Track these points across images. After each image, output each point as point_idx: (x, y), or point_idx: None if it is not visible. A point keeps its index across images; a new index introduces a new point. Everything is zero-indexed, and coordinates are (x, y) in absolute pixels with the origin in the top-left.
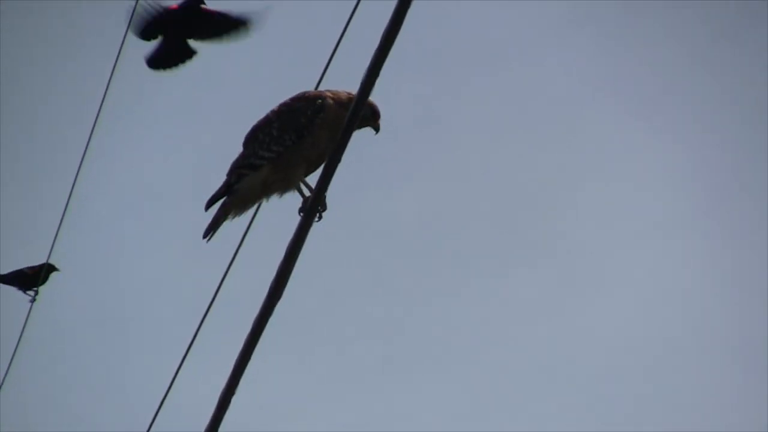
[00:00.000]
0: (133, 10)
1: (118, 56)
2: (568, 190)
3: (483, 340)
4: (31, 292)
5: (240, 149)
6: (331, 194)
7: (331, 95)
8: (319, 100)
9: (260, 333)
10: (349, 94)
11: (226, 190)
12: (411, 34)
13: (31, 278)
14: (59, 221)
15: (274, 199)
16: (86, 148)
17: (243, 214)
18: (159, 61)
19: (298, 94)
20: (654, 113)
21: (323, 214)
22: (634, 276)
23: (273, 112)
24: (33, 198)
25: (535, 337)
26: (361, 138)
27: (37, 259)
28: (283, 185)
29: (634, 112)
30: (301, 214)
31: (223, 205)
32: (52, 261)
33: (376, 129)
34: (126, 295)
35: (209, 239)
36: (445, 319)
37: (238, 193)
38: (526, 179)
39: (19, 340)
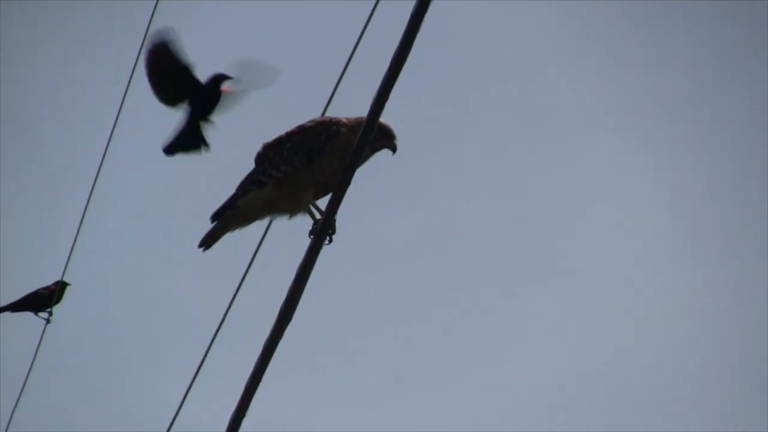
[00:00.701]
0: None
1: (132, 73)
2: (574, 210)
3: (491, 360)
4: (45, 314)
5: (252, 165)
6: (341, 216)
7: (347, 122)
8: (335, 127)
9: (271, 355)
10: (360, 119)
11: (231, 203)
12: (418, 51)
13: (45, 299)
14: (73, 239)
15: (282, 220)
16: (101, 164)
17: (243, 228)
18: (176, 147)
19: (317, 118)
20: (657, 133)
21: (333, 236)
22: (637, 296)
23: (287, 132)
24: (42, 215)
25: (543, 356)
26: (371, 161)
27: (41, 278)
28: (288, 206)
29: (637, 131)
30: (312, 236)
31: (224, 216)
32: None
33: (393, 149)
34: (135, 317)
35: (206, 249)
36: (453, 339)
37: (240, 207)
38: (531, 199)
39: (33, 360)
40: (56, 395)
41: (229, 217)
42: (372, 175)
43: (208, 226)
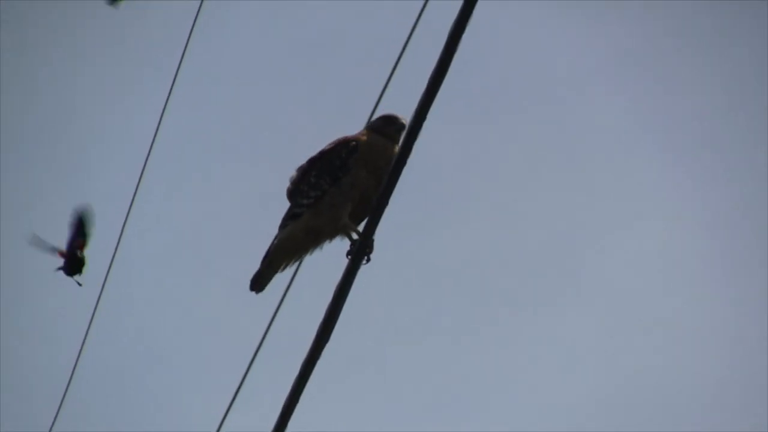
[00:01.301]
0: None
1: (165, 104)
2: (612, 230)
3: (529, 379)
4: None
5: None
6: (379, 237)
7: (362, 134)
8: (353, 142)
9: (309, 374)
10: (373, 124)
11: (274, 242)
12: (456, 73)
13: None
14: (109, 263)
15: (324, 245)
16: (135, 192)
17: (292, 265)
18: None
19: (333, 140)
20: (695, 153)
21: (371, 256)
22: (677, 317)
23: (309, 160)
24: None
25: (581, 376)
26: (408, 181)
27: (82, 302)
28: (328, 230)
29: (676, 152)
30: (349, 257)
31: (268, 256)
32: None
33: (401, 127)
34: (175, 337)
35: (258, 292)
36: (491, 358)
37: (281, 242)
38: (570, 219)
39: (69, 382)
40: (93, 415)
41: (274, 255)
42: (411, 195)
43: (250, 250)
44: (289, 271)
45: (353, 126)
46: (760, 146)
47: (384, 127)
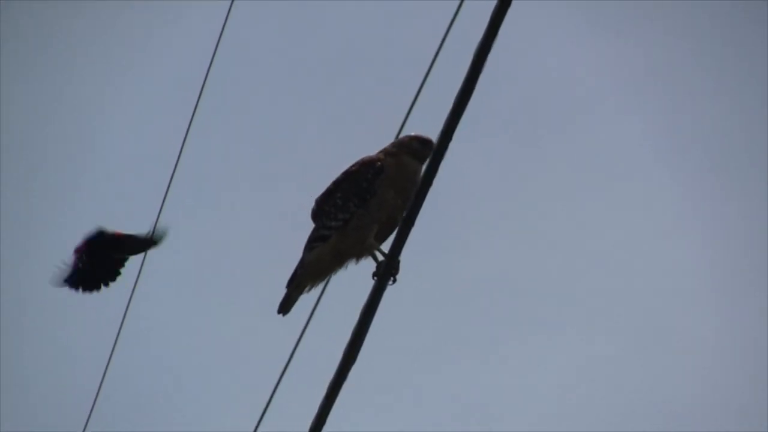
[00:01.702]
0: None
1: (189, 125)
2: (640, 251)
3: (553, 400)
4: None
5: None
6: (405, 257)
7: (386, 153)
8: (378, 163)
9: (335, 397)
10: (400, 141)
11: (301, 264)
12: (483, 91)
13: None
14: (134, 284)
15: (350, 266)
16: (159, 212)
17: (318, 286)
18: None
19: (357, 161)
20: (723, 172)
21: (397, 277)
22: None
23: (334, 182)
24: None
25: (606, 394)
26: (434, 201)
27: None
28: (355, 251)
29: (702, 171)
30: (375, 278)
31: (295, 278)
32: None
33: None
34: (199, 360)
35: (285, 314)
36: (517, 379)
37: (309, 265)
38: (596, 239)
39: (94, 404)
40: None
41: (301, 277)
42: (436, 215)
43: (275, 272)
44: (314, 292)
45: (378, 145)
46: None
47: (411, 147)
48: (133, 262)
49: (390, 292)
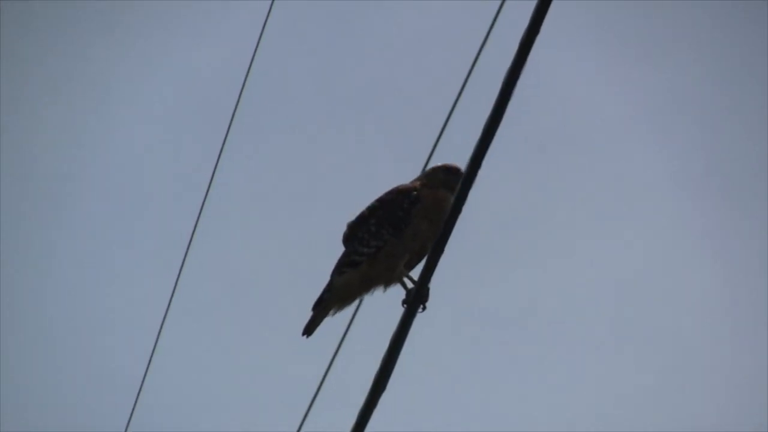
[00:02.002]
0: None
1: (221, 151)
2: (669, 277)
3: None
4: None
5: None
6: (434, 284)
7: (420, 183)
8: (414, 192)
9: (365, 424)
10: (436, 176)
11: (329, 288)
12: (511, 118)
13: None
14: (166, 308)
15: (377, 293)
16: (191, 238)
17: (344, 310)
18: None
19: (392, 188)
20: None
21: (426, 304)
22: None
23: (367, 208)
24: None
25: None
26: (463, 228)
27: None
28: (385, 279)
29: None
30: (405, 305)
31: (321, 301)
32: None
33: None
34: (230, 387)
35: (309, 336)
36: (548, 408)
37: (336, 290)
38: (629, 264)
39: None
40: None
41: (328, 301)
42: (466, 242)
43: (302, 295)
44: (344, 318)
45: (407, 173)
46: None
47: (446, 179)
48: (168, 280)
49: (420, 319)
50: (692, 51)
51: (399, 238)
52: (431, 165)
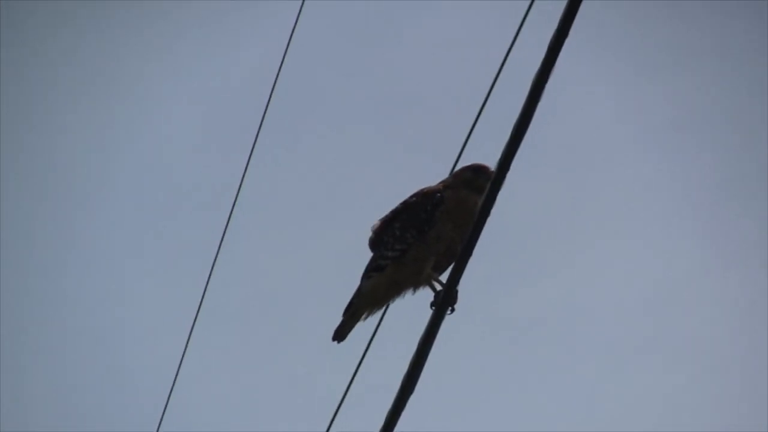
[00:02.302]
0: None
1: (249, 157)
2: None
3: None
4: None
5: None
6: (463, 287)
7: (445, 185)
8: (438, 194)
9: (393, 426)
10: (462, 175)
11: (357, 293)
12: (538, 124)
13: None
14: (193, 320)
15: (407, 295)
16: (220, 244)
17: (374, 315)
18: None
19: (417, 191)
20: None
21: (455, 306)
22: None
23: (392, 211)
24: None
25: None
26: (492, 232)
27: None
28: (412, 281)
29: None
30: (433, 308)
31: (351, 307)
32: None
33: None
34: (257, 390)
35: (340, 342)
36: (577, 413)
37: (365, 294)
38: (657, 272)
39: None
40: None
41: (357, 306)
42: (494, 245)
43: (333, 301)
44: (371, 321)
45: (435, 176)
46: None
47: (472, 179)
48: (198, 285)
49: (448, 321)
50: (716, 59)
51: (423, 240)
52: (459, 167)
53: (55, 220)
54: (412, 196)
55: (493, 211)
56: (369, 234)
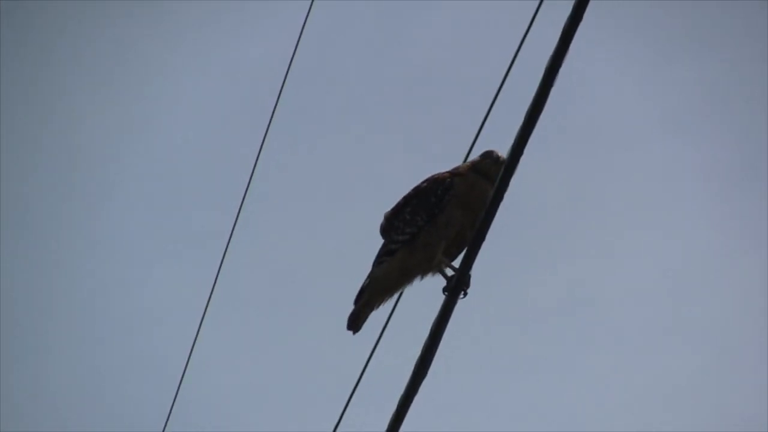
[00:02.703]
0: None
1: (261, 145)
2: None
3: (630, 421)
4: None
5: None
6: (478, 272)
7: (457, 171)
8: (448, 180)
9: (406, 410)
10: (473, 161)
11: (369, 279)
12: (556, 109)
13: None
14: (206, 303)
15: (417, 282)
16: (231, 232)
17: (388, 302)
18: None
19: (428, 177)
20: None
21: (467, 291)
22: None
23: (404, 197)
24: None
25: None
26: (502, 216)
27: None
28: (423, 268)
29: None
30: (446, 293)
31: (362, 294)
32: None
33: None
34: (271, 376)
35: (355, 332)
36: (590, 398)
37: (376, 279)
38: (668, 260)
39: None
40: None
41: (369, 293)
42: (507, 230)
43: (345, 288)
44: (386, 307)
45: (448, 164)
46: None
47: (479, 162)
48: (209, 275)
49: (461, 306)
50: (738, 42)
51: (433, 225)
52: (472, 155)
53: (64, 212)
54: (423, 182)
55: (510, 195)
56: (381, 221)
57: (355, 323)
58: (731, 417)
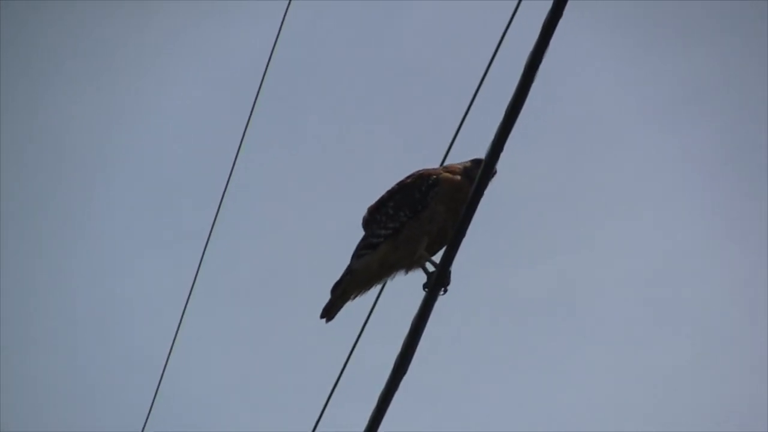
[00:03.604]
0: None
1: (242, 138)
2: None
3: (614, 419)
4: None
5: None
6: (458, 269)
7: (443, 169)
8: (433, 176)
9: (386, 407)
10: (464, 164)
11: (348, 270)
12: (538, 103)
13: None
14: (187, 296)
15: (399, 276)
16: (213, 223)
17: (365, 294)
18: None
19: (413, 172)
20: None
21: (447, 288)
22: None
23: (388, 191)
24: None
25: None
26: (485, 213)
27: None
28: (405, 263)
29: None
30: (426, 289)
31: (340, 285)
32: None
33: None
34: (253, 371)
35: (328, 320)
36: (570, 395)
37: (356, 272)
38: (652, 253)
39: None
40: None
41: (347, 284)
42: (492, 228)
43: (323, 281)
44: (366, 302)
45: (429, 160)
46: None
47: (471, 168)
48: (190, 269)
49: (441, 302)
50: (723, 33)
51: (416, 220)
52: (454, 150)
53: (47, 206)
54: (408, 177)
55: (496, 190)
56: (364, 214)
57: (329, 312)
58: (719, 409)
